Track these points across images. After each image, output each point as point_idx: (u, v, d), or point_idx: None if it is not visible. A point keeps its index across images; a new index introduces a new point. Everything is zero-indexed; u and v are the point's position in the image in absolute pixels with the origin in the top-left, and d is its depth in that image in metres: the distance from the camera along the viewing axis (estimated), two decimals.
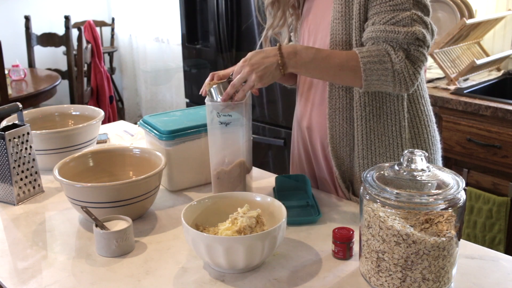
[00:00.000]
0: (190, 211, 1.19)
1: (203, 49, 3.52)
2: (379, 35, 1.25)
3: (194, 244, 1.10)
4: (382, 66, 1.24)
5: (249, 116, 1.37)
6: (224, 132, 1.33)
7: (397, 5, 1.24)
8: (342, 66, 1.26)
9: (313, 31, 1.44)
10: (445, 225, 1.01)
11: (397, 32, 1.23)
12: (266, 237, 1.08)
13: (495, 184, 2.33)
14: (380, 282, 1.05)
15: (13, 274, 1.16)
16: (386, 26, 1.24)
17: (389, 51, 1.24)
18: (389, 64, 1.24)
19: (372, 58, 1.24)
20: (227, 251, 1.06)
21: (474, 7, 2.76)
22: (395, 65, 1.24)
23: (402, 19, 1.23)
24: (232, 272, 1.12)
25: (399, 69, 1.24)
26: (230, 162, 1.37)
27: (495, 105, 2.29)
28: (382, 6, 1.25)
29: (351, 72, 1.26)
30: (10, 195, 1.47)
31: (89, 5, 5.28)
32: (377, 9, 1.26)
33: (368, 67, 1.24)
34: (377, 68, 1.24)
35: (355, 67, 1.25)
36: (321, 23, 1.41)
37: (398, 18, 1.24)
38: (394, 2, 1.24)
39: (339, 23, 1.33)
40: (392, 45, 1.25)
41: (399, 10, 1.24)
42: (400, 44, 1.25)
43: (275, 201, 1.21)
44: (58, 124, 1.84)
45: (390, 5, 1.24)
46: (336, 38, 1.34)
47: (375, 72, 1.25)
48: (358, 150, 1.39)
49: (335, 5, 1.34)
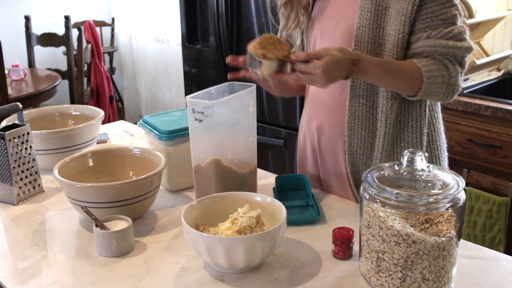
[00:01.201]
0: (190, 211, 1.19)
1: (203, 49, 3.52)
2: (440, 50, 1.28)
3: (194, 244, 1.10)
4: (441, 78, 1.29)
5: (229, 119, 1.37)
6: (198, 128, 1.33)
7: (447, 20, 1.28)
8: (405, 79, 1.29)
9: (327, 33, 1.42)
10: (445, 225, 1.01)
11: (458, 48, 1.28)
12: (266, 237, 1.08)
13: (495, 184, 2.33)
14: (380, 282, 1.05)
15: (13, 274, 1.16)
16: (447, 41, 1.28)
17: (447, 65, 1.29)
18: (447, 77, 1.30)
19: (434, 72, 1.28)
20: (227, 251, 1.06)
21: (474, 7, 2.76)
22: (451, 78, 1.30)
23: (458, 33, 1.29)
24: (232, 272, 1.12)
25: (453, 81, 1.31)
26: (205, 158, 1.37)
27: (495, 105, 2.29)
28: (433, 20, 1.28)
29: (411, 85, 1.29)
30: (10, 195, 1.47)
31: (89, 5, 5.27)
32: (427, 22, 1.28)
33: (430, 81, 1.28)
34: (437, 82, 1.29)
35: (417, 80, 1.28)
36: (339, 27, 1.38)
37: (454, 33, 1.28)
38: (444, 16, 1.28)
39: (366, 31, 1.31)
40: (450, 59, 1.30)
41: (450, 24, 1.28)
42: (456, 58, 1.31)
43: (275, 201, 1.21)
44: (58, 124, 1.84)
45: (441, 19, 1.28)
46: (361, 46, 1.32)
47: (434, 85, 1.29)
48: (377, 158, 1.38)
49: (363, 12, 1.31)
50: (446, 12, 1.28)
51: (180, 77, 4.42)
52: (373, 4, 1.30)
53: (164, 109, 5.00)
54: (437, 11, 1.28)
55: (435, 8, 1.28)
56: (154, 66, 5.02)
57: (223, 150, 1.37)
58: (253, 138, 1.45)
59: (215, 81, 3.24)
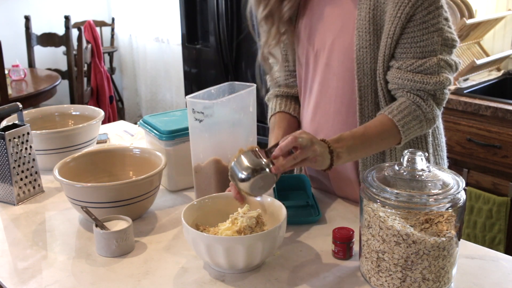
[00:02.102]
0: (190, 211, 1.19)
1: (203, 49, 3.52)
2: (407, 84, 1.25)
3: (194, 244, 1.10)
4: (417, 120, 1.27)
5: (229, 119, 1.36)
6: (198, 128, 1.33)
7: (426, 47, 1.23)
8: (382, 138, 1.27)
9: (323, 51, 1.37)
10: (445, 225, 1.01)
11: (426, 83, 1.25)
12: (266, 237, 1.08)
13: (495, 184, 2.33)
14: (380, 282, 1.05)
15: (13, 274, 1.16)
16: (414, 76, 1.25)
17: (419, 103, 1.27)
18: (422, 116, 1.27)
19: (406, 117, 1.26)
20: (227, 251, 1.06)
21: (474, 7, 2.76)
22: (427, 114, 1.28)
23: (430, 66, 1.24)
24: (232, 272, 1.12)
25: (430, 116, 1.28)
26: (205, 158, 1.37)
27: (495, 105, 2.29)
28: (412, 46, 1.24)
29: (391, 138, 1.27)
30: (10, 195, 1.47)
31: (89, 5, 5.28)
32: (406, 48, 1.24)
33: (406, 128, 1.26)
34: (413, 124, 1.27)
35: (393, 132, 1.26)
36: (335, 46, 1.34)
37: (426, 66, 1.24)
38: (423, 43, 1.23)
39: (367, 52, 1.28)
40: (420, 94, 1.27)
41: (427, 55, 1.24)
42: (428, 92, 1.27)
43: (275, 201, 1.21)
44: (58, 124, 1.85)
45: (419, 47, 1.23)
46: (364, 67, 1.29)
47: (412, 128, 1.27)
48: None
49: (361, 33, 1.27)
50: (426, 39, 1.23)
51: (180, 77, 4.42)
52: (371, 25, 1.26)
53: (164, 109, 5.00)
54: (418, 37, 1.23)
55: (417, 33, 1.22)
56: (154, 66, 5.02)
57: (223, 150, 1.36)
58: (253, 138, 1.45)
59: (215, 81, 3.24)
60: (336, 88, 1.36)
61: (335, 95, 1.36)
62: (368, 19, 1.26)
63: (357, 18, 1.28)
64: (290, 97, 1.52)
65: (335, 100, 1.37)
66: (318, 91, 1.40)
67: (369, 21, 1.26)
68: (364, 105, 1.32)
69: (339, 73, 1.34)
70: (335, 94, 1.36)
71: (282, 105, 1.50)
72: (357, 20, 1.28)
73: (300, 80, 1.47)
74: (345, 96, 1.35)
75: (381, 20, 1.26)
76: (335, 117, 1.38)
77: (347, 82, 1.33)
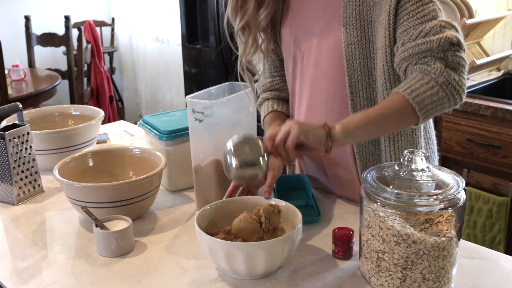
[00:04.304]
0: (203, 216, 1.16)
1: (203, 49, 3.52)
2: (412, 52, 1.18)
3: (211, 252, 1.07)
4: (428, 86, 1.16)
5: (229, 119, 1.36)
6: (198, 128, 1.33)
7: (424, 16, 1.18)
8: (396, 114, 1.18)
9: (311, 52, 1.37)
10: (445, 225, 1.01)
11: (429, 42, 1.16)
12: (285, 241, 1.06)
13: (495, 184, 2.33)
14: (380, 282, 1.05)
15: (13, 274, 1.16)
16: (417, 41, 1.17)
17: (425, 69, 1.17)
18: (432, 82, 1.16)
19: (413, 86, 1.16)
20: (247, 257, 1.04)
21: (474, 7, 2.76)
22: (438, 79, 1.15)
23: (431, 28, 1.17)
24: (250, 278, 1.10)
25: (444, 81, 1.16)
26: (205, 158, 1.37)
27: (495, 105, 2.29)
28: (410, 21, 1.19)
29: (406, 118, 1.18)
30: (10, 195, 1.47)
31: (89, 5, 5.28)
32: (405, 26, 1.20)
33: (418, 99, 1.15)
34: (427, 94, 1.15)
35: (404, 106, 1.16)
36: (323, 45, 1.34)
37: (427, 30, 1.17)
38: (420, 14, 1.19)
39: (355, 48, 1.27)
40: (426, 61, 1.17)
41: (425, 21, 1.18)
42: (435, 55, 1.17)
43: (290, 206, 1.19)
44: (58, 124, 1.85)
45: (417, 18, 1.19)
46: (353, 63, 1.28)
47: (428, 100, 1.16)
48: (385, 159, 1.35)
49: (348, 30, 1.27)
50: (422, 10, 1.19)
51: (180, 77, 4.42)
52: (358, 20, 1.26)
53: (164, 109, 5.00)
54: (413, 11, 1.19)
55: (411, 8, 1.19)
56: (154, 66, 5.02)
57: (218, 151, 1.36)
58: None
59: (215, 81, 3.24)
60: (327, 86, 1.36)
61: (326, 93, 1.36)
62: (355, 15, 1.26)
63: (343, 16, 1.28)
64: (281, 99, 1.53)
65: (327, 98, 1.37)
66: (309, 92, 1.40)
67: (355, 17, 1.27)
68: (356, 100, 1.32)
69: (329, 72, 1.35)
70: (326, 93, 1.36)
71: (275, 105, 1.50)
72: (343, 18, 1.28)
73: (290, 82, 1.47)
74: (336, 94, 1.35)
75: (368, 15, 1.26)
76: (328, 115, 1.37)
77: (337, 80, 1.33)
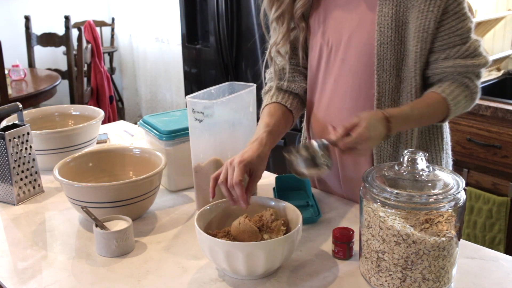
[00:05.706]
0: (203, 217, 1.16)
1: (203, 49, 3.52)
2: (458, 70, 1.30)
3: (211, 252, 1.07)
4: (464, 100, 1.33)
5: (229, 119, 1.36)
6: (198, 128, 1.33)
7: (463, 34, 1.29)
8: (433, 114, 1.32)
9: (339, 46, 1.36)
10: (445, 225, 1.01)
11: (476, 66, 1.30)
12: (286, 241, 1.07)
13: (495, 184, 2.33)
14: (380, 282, 1.05)
15: (13, 274, 1.16)
16: (465, 61, 1.30)
17: (468, 84, 1.32)
18: (469, 96, 1.34)
19: (458, 97, 1.30)
20: (247, 257, 1.04)
21: (474, 7, 2.76)
22: (473, 94, 1.34)
23: (474, 50, 1.30)
24: (250, 278, 1.10)
25: (475, 96, 1.35)
26: (205, 158, 1.37)
27: (495, 105, 2.29)
28: (450, 36, 1.28)
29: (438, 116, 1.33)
30: (10, 195, 1.47)
31: (89, 5, 5.28)
32: (445, 39, 1.28)
33: (456, 106, 1.31)
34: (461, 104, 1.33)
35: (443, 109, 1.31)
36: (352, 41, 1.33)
37: (471, 50, 1.30)
38: (460, 31, 1.28)
39: (388, 48, 1.29)
40: (469, 76, 1.32)
41: (466, 39, 1.29)
42: (474, 73, 1.33)
43: (289, 205, 1.19)
44: (58, 124, 1.85)
45: (458, 35, 1.28)
46: (384, 63, 1.30)
47: (460, 107, 1.33)
48: None
49: (382, 29, 1.28)
50: (462, 27, 1.27)
51: (180, 77, 4.42)
52: (393, 21, 1.27)
53: (164, 109, 5.00)
54: (454, 27, 1.27)
55: (453, 23, 1.26)
56: (154, 66, 5.02)
57: (223, 150, 1.37)
58: None
59: (215, 81, 3.24)
60: (353, 83, 1.35)
61: (351, 90, 1.35)
62: (391, 15, 1.27)
63: (378, 14, 1.28)
64: (290, 92, 1.47)
65: (351, 95, 1.35)
66: (333, 87, 1.38)
67: (391, 17, 1.27)
68: (382, 101, 1.32)
69: (356, 69, 1.34)
70: (351, 90, 1.35)
71: (279, 97, 1.43)
72: (378, 16, 1.28)
73: (312, 75, 1.44)
74: (361, 92, 1.34)
75: (404, 16, 1.27)
76: (349, 114, 1.35)
77: (364, 78, 1.33)
